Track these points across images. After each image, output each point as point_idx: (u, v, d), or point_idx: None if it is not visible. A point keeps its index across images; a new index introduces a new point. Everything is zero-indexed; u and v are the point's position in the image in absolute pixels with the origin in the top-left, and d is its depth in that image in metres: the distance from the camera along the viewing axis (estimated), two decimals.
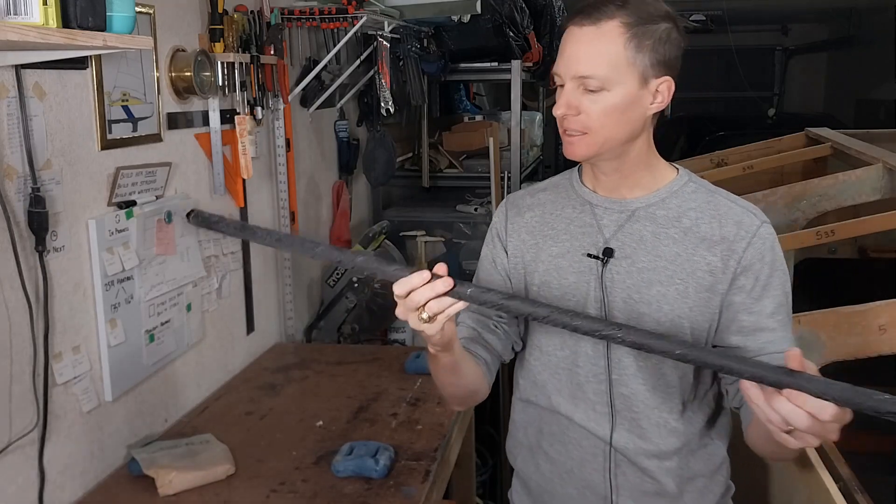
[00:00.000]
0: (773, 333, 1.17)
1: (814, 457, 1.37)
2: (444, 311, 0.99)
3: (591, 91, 1.11)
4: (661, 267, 1.17)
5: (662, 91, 1.14)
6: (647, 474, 1.23)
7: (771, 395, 0.89)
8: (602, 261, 1.19)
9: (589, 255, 1.21)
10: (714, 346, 1.20)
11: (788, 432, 0.89)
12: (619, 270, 1.19)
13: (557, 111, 1.14)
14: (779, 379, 0.86)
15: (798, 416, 0.86)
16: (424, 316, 0.99)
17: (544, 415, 1.30)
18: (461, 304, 1.00)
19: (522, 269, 1.28)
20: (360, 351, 2.32)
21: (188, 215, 1.20)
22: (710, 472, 1.27)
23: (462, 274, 3.15)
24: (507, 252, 1.30)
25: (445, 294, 0.98)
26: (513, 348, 1.34)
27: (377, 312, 2.57)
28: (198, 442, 1.64)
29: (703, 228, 1.18)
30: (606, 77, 1.10)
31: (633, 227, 1.20)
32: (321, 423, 1.79)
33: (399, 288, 1.00)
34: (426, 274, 0.99)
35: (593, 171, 1.23)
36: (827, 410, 0.84)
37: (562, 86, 1.15)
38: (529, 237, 1.28)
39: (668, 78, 1.13)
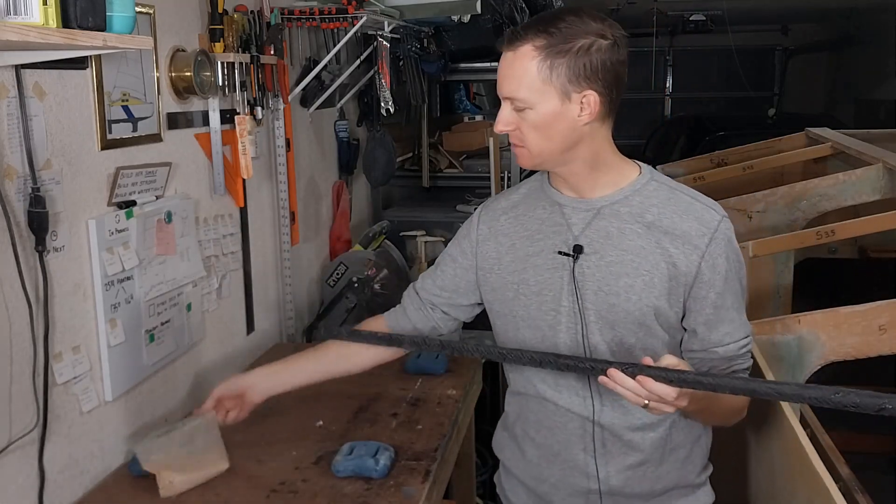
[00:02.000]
0: (731, 324, 1.27)
1: (814, 457, 1.37)
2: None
3: (519, 110, 1.21)
4: (627, 260, 1.25)
5: (587, 103, 1.20)
6: (631, 447, 1.31)
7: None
8: (573, 257, 1.28)
9: (560, 253, 1.29)
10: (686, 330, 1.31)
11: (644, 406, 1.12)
12: (589, 265, 1.27)
13: (496, 128, 1.25)
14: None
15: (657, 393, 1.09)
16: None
17: (531, 403, 1.39)
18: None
19: (499, 270, 1.37)
20: None
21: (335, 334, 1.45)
22: (692, 442, 1.36)
23: None
24: (476, 254, 1.40)
25: None
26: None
27: (377, 312, 2.57)
28: (199, 429, 1.54)
29: (665, 223, 1.25)
30: (526, 98, 1.20)
31: (600, 224, 1.28)
32: (321, 423, 1.79)
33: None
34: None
35: (553, 175, 1.33)
36: (670, 393, 1.08)
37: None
38: (506, 239, 1.37)
39: (590, 91, 1.20)
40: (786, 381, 1.07)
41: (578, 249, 1.27)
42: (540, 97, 1.19)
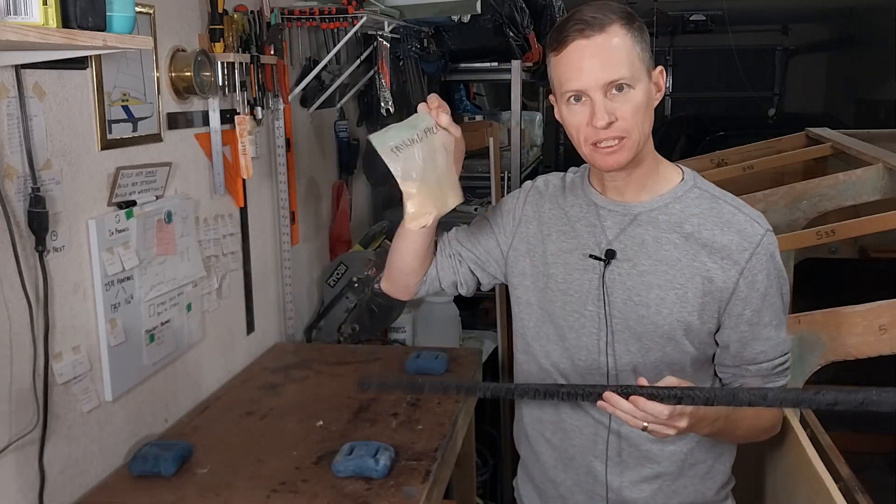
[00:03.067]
0: (767, 343, 1.23)
1: (814, 457, 1.37)
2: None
3: (621, 94, 1.13)
4: (661, 271, 1.20)
5: (660, 79, 1.19)
6: (649, 458, 1.27)
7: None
8: (604, 262, 1.22)
9: (591, 256, 1.24)
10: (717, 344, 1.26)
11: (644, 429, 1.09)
12: (621, 272, 1.22)
13: (600, 122, 1.12)
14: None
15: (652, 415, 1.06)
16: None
17: (546, 403, 1.33)
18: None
19: (532, 257, 1.32)
20: (360, 351, 2.32)
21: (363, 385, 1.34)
22: (714, 458, 1.31)
23: None
24: (514, 233, 1.35)
25: None
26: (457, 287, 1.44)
27: (377, 312, 2.57)
28: (440, 145, 1.21)
29: (704, 235, 1.20)
30: (631, 76, 1.13)
31: (636, 230, 1.22)
32: (321, 423, 1.79)
33: None
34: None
35: (601, 175, 1.25)
36: (664, 412, 1.05)
37: (578, 100, 1.15)
38: (545, 227, 1.32)
39: (661, 66, 1.19)
40: (769, 388, 1.08)
41: (611, 255, 1.22)
42: (639, 73, 1.14)
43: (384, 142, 1.18)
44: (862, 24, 7.68)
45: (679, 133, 7.17)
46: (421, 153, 1.18)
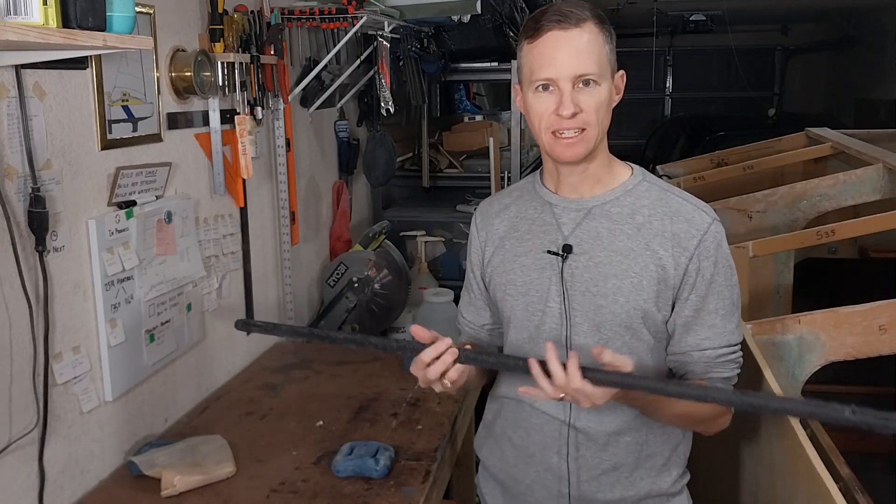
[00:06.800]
0: (711, 329, 1.25)
1: (814, 457, 1.37)
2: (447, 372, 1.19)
3: (587, 88, 1.19)
4: (616, 261, 1.24)
5: (620, 82, 1.24)
6: (605, 451, 1.30)
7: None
8: (562, 257, 1.27)
9: (549, 252, 1.28)
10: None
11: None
12: (578, 265, 1.26)
13: (566, 111, 1.18)
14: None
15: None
16: (447, 384, 1.21)
17: (510, 404, 1.38)
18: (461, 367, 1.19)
19: (490, 271, 1.38)
20: (360, 351, 2.32)
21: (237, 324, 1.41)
22: (669, 450, 1.33)
23: (462, 274, 3.16)
24: (483, 260, 1.40)
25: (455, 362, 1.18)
26: None
27: (377, 312, 2.58)
28: (203, 441, 1.63)
29: (655, 225, 1.25)
30: (599, 73, 1.19)
31: (590, 224, 1.27)
32: (321, 423, 1.79)
33: (416, 368, 1.22)
34: (440, 346, 1.18)
35: (557, 172, 1.30)
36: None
37: (546, 89, 1.20)
38: (499, 241, 1.37)
39: (622, 70, 1.25)
40: (717, 388, 1.14)
41: (568, 249, 1.26)
42: (606, 72, 1.20)
43: (150, 462, 1.53)
44: (862, 24, 7.68)
45: (679, 133, 7.15)
46: (184, 458, 1.55)
